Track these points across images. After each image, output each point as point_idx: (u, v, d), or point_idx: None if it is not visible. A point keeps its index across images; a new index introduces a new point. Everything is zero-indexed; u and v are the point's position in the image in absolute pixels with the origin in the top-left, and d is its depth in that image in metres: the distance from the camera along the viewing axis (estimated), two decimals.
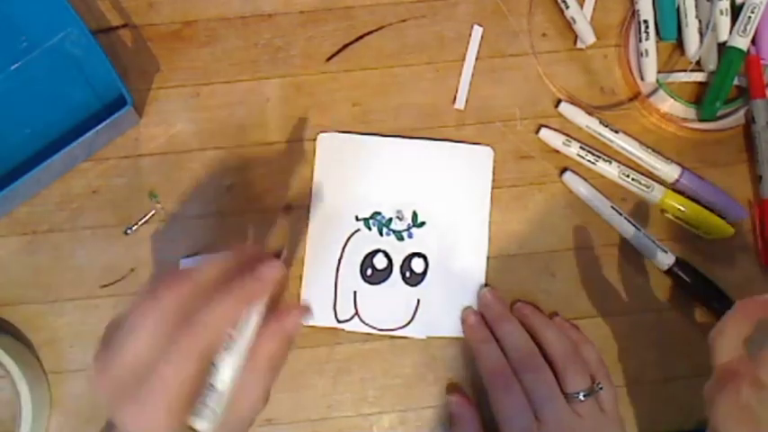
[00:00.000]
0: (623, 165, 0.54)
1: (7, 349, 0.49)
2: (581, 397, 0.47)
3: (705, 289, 0.53)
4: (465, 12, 0.56)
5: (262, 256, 0.39)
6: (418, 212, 0.54)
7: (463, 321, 0.52)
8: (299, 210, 0.54)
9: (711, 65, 0.55)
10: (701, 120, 0.55)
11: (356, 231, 0.53)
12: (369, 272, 0.53)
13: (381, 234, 0.53)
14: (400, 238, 0.53)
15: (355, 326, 0.53)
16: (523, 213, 0.54)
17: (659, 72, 0.55)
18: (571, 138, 0.54)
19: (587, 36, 0.55)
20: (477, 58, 0.56)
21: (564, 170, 0.55)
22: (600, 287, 0.54)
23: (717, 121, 0.55)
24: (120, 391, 0.34)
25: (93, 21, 0.55)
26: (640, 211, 0.54)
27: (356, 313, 0.53)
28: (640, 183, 0.53)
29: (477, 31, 0.56)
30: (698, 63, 0.55)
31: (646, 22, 0.54)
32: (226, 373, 0.36)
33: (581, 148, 0.54)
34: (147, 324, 0.34)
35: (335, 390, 0.52)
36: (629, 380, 0.53)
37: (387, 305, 0.53)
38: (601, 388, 0.48)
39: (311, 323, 0.52)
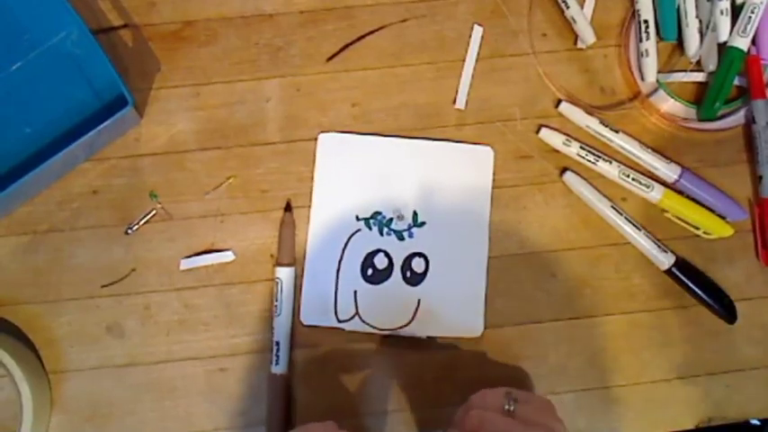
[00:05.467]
0: (623, 165, 0.54)
1: (8, 349, 0.49)
2: None
3: (705, 289, 0.53)
4: (465, 12, 0.56)
5: None
6: (419, 212, 0.54)
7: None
8: (299, 210, 0.54)
9: (711, 65, 0.55)
10: (701, 120, 0.55)
11: (357, 231, 0.53)
12: (369, 272, 0.53)
13: (382, 234, 0.53)
14: (401, 238, 0.53)
15: (355, 326, 0.53)
16: (523, 213, 0.54)
17: (659, 72, 0.55)
18: (571, 138, 0.54)
19: (587, 36, 0.55)
20: (477, 58, 0.56)
21: (564, 170, 0.55)
22: (600, 287, 0.54)
23: (717, 121, 0.55)
24: None
25: (94, 21, 0.55)
26: (640, 211, 0.54)
27: (356, 313, 0.53)
28: (640, 183, 0.53)
29: (477, 31, 0.56)
30: (698, 63, 0.55)
31: (646, 22, 0.54)
32: None
33: (581, 147, 0.54)
34: None
35: (335, 390, 0.52)
36: (629, 380, 0.53)
37: (387, 305, 0.53)
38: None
39: (311, 323, 0.53)
